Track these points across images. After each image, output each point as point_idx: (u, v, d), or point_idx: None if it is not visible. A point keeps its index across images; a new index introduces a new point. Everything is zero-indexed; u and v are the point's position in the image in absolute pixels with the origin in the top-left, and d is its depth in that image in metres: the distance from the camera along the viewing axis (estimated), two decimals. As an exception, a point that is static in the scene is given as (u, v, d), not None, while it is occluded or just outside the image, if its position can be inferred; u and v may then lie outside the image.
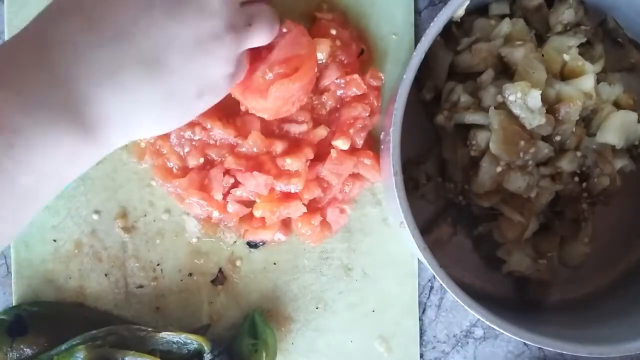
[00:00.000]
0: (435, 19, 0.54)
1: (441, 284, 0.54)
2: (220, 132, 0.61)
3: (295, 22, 0.59)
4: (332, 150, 0.62)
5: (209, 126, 0.62)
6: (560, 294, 0.66)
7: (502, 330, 0.54)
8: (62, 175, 0.47)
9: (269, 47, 0.58)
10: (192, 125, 0.62)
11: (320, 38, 0.61)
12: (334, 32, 0.63)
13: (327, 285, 0.66)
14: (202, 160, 0.62)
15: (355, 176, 0.64)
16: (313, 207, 0.64)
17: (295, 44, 0.58)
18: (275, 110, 0.60)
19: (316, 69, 0.61)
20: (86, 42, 0.45)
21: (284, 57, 0.58)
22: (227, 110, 0.62)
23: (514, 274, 0.63)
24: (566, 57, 0.60)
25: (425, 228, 0.64)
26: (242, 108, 0.62)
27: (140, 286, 0.65)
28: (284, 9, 0.64)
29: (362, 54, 0.65)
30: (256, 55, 0.58)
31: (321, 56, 0.62)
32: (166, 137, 0.63)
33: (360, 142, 0.64)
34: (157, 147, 0.63)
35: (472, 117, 0.59)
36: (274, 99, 0.58)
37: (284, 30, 0.59)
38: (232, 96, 0.60)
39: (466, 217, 0.64)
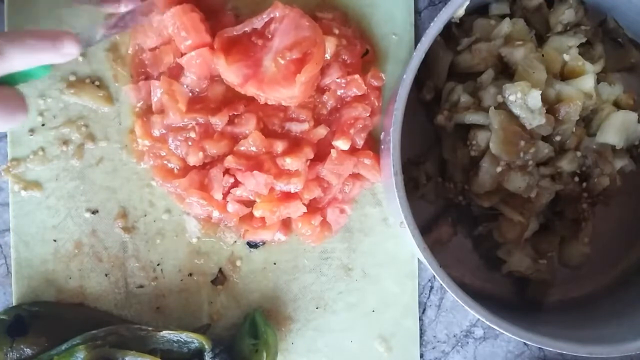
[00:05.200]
0: (435, 19, 0.54)
1: (441, 284, 0.54)
2: (216, 120, 0.62)
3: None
4: (332, 151, 0.62)
5: (202, 121, 0.62)
6: (560, 294, 0.66)
7: (502, 330, 0.54)
8: None
9: (264, 35, 0.59)
10: (187, 128, 0.62)
11: (327, 36, 0.62)
12: (336, 31, 0.63)
13: (327, 285, 0.66)
14: (201, 154, 0.62)
15: (355, 176, 0.64)
16: (313, 207, 0.64)
17: (298, 27, 0.59)
18: (303, 96, 0.60)
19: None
20: None
21: (291, 42, 0.58)
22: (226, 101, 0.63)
23: (514, 274, 0.63)
24: (566, 57, 0.60)
25: (425, 228, 0.64)
26: (261, 100, 0.62)
27: (141, 286, 0.65)
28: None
29: (366, 54, 0.65)
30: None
31: (327, 55, 0.62)
32: (164, 140, 0.63)
33: (360, 142, 0.64)
34: (156, 150, 0.63)
35: (472, 117, 0.59)
36: (301, 85, 0.58)
37: (277, 14, 0.59)
38: (248, 94, 0.61)
39: (466, 217, 0.64)
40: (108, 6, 0.60)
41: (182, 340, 0.60)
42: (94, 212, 0.64)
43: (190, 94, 0.62)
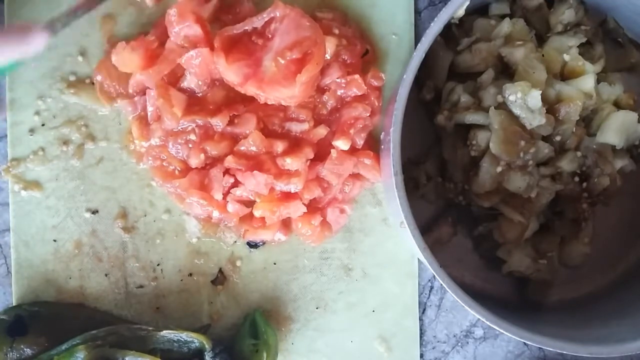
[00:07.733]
0: (435, 19, 0.54)
1: (441, 284, 0.54)
2: (217, 121, 0.62)
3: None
4: (332, 151, 0.62)
5: (201, 123, 0.62)
6: (560, 294, 0.66)
7: (502, 330, 0.54)
8: None
9: (264, 35, 0.59)
10: (187, 131, 0.62)
11: (327, 36, 0.61)
12: (336, 31, 0.63)
13: (327, 285, 0.66)
14: (202, 156, 0.62)
15: (355, 176, 0.64)
16: (313, 207, 0.64)
17: (298, 27, 0.59)
18: (303, 96, 0.60)
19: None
20: None
21: (291, 42, 0.58)
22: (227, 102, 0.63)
23: (514, 274, 0.63)
24: (566, 57, 0.60)
25: (425, 228, 0.64)
26: (261, 100, 0.61)
27: (141, 286, 0.65)
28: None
29: (366, 54, 0.65)
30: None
31: (327, 55, 0.62)
32: (164, 145, 0.63)
33: (360, 142, 0.64)
34: (156, 153, 0.63)
35: (472, 117, 0.59)
36: (301, 85, 0.58)
37: (278, 14, 0.59)
38: (248, 94, 0.61)
39: (466, 217, 0.64)
40: None
41: (182, 340, 0.60)
42: (94, 212, 0.64)
43: (188, 97, 0.62)
